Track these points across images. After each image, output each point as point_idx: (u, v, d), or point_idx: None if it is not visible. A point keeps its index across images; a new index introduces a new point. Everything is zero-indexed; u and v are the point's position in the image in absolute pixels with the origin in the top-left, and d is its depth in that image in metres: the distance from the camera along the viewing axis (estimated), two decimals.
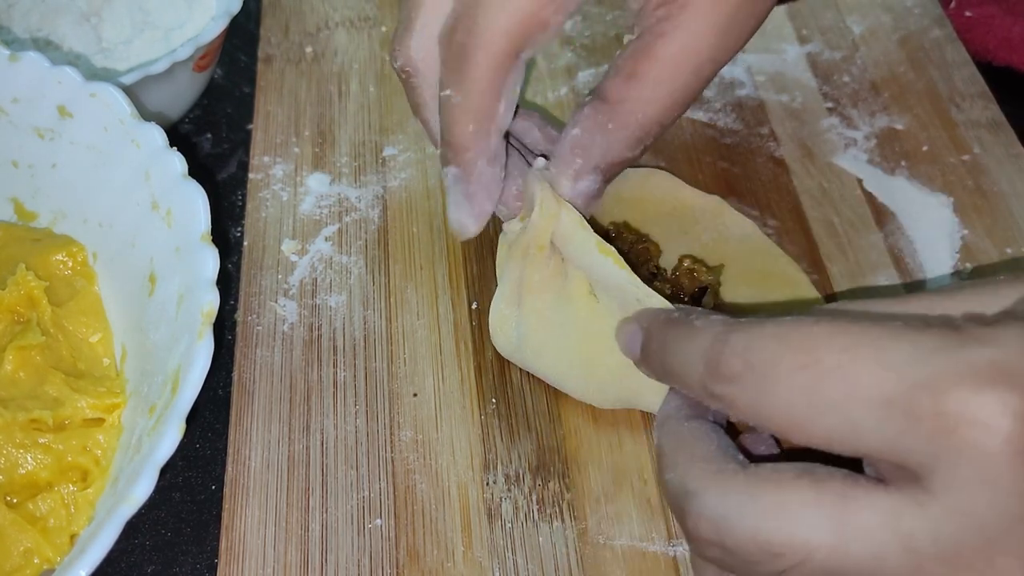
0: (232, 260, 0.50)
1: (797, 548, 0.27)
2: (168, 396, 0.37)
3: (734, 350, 0.29)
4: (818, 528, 0.27)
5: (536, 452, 0.42)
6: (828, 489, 0.27)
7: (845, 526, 0.27)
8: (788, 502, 0.27)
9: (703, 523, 0.29)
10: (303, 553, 0.40)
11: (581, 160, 0.39)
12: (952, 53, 0.57)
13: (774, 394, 0.28)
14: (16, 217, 0.48)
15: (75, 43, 0.54)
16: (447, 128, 0.39)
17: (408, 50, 0.40)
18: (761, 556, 0.27)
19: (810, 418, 0.27)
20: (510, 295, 0.42)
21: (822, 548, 0.27)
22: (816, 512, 0.27)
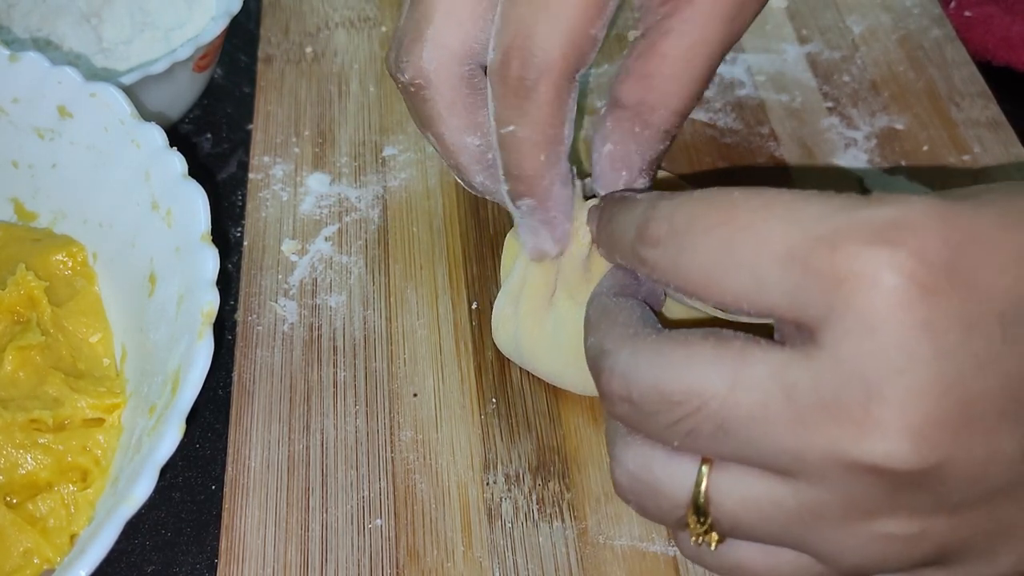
0: (232, 260, 0.50)
1: (692, 397, 0.28)
2: (168, 396, 0.37)
3: (660, 214, 0.30)
4: (713, 379, 0.28)
5: (536, 452, 0.42)
6: (729, 346, 0.28)
7: (738, 377, 0.28)
8: (690, 356, 0.28)
9: (615, 379, 0.30)
10: (303, 553, 0.40)
11: (626, 172, 0.40)
12: (952, 53, 0.57)
13: (691, 253, 0.29)
14: (16, 217, 0.48)
15: (75, 43, 0.54)
16: (516, 163, 0.38)
17: (419, 62, 0.38)
18: (661, 406, 0.29)
19: (722, 276, 0.28)
20: (514, 293, 0.42)
21: (716, 397, 0.28)
22: (714, 365, 0.28)
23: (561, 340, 0.41)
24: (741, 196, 0.29)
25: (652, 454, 0.30)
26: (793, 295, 0.27)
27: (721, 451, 0.29)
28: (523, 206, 0.39)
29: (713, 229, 0.29)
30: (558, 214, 0.39)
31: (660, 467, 0.30)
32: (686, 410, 0.28)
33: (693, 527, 0.30)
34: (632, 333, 0.31)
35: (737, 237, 0.28)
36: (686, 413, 0.28)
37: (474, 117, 0.39)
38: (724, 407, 0.28)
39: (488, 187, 0.41)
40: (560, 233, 0.40)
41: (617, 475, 0.32)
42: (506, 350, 0.44)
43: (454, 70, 0.38)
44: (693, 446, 0.29)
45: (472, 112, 0.39)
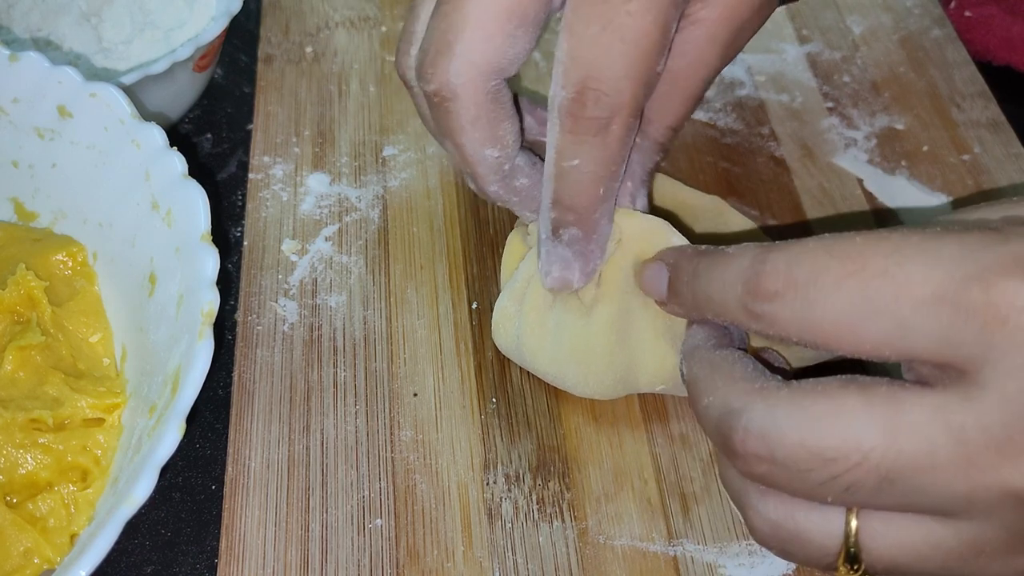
0: (232, 260, 0.50)
1: (850, 451, 0.27)
2: (168, 396, 0.37)
3: (775, 267, 0.29)
4: (869, 430, 0.27)
5: (536, 452, 0.42)
6: (875, 393, 0.27)
7: (896, 426, 0.27)
8: (837, 408, 0.28)
9: (751, 438, 0.29)
10: (303, 553, 0.40)
11: (630, 183, 0.41)
12: (952, 53, 0.57)
13: (821, 305, 0.28)
14: (16, 217, 0.48)
15: (75, 43, 0.54)
16: (572, 195, 0.38)
17: (446, 75, 0.37)
18: (813, 463, 0.28)
19: (859, 325, 0.28)
20: (518, 293, 0.42)
21: (875, 449, 0.27)
22: (866, 415, 0.27)
23: (563, 341, 0.41)
24: (866, 242, 0.28)
25: (794, 503, 0.30)
26: (944, 337, 0.27)
27: (883, 503, 0.28)
28: (565, 235, 0.39)
29: (845, 279, 0.28)
30: (596, 248, 0.39)
31: (804, 517, 0.29)
32: (844, 466, 0.27)
33: (845, 573, 0.30)
34: (758, 387, 0.30)
35: (873, 285, 0.27)
36: (844, 469, 0.27)
37: (496, 131, 0.39)
38: (886, 457, 0.27)
39: (501, 196, 0.41)
40: (591, 268, 0.39)
41: (757, 524, 0.31)
42: (506, 349, 0.44)
43: (480, 86, 0.38)
44: (851, 500, 0.28)
45: (494, 126, 0.39)
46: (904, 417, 0.27)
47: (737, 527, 0.40)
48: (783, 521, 0.30)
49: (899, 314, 0.27)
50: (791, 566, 0.39)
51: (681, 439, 0.42)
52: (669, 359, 0.40)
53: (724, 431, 0.30)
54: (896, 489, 0.27)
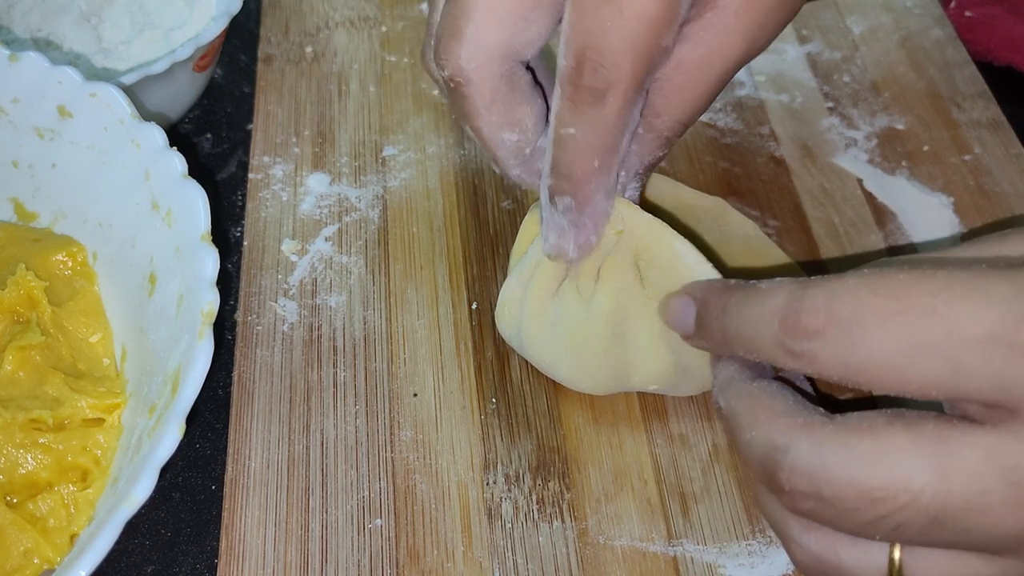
0: (232, 260, 0.50)
1: (899, 491, 0.27)
2: (168, 396, 0.37)
3: (814, 304, 0.29)
4: (919, 469, 0.27)
5: (536, 452, 0.42)
6: (924, 431, 0.27)
7: (946, 465, 0.27)
8: (885, 446, 0.27)
9: (797, 476, 0.28)
10: (303, 553, 0.40)
11: (624, 172, 0.40)
12: (952, 53, 0.57)
13: (865, 344, 0.28)
14: (16, 217, 0.48)
15: (75, 43, 0.54)
16: (567, 163, 0.38)
17: (458, 60, 0.37)
18: (861, 503, 0.27)
19: (906, 365, 0.27)
20: (524, 277, 0.42)
21: (925, 489, 0.27)
22: (915, 454, 0.27)
23: (560, 332, 0.41)
24: (911, 279, 0.28)
25: (836, 537, 0.29)
26: (998, 377, 0.26)
27: (931, 542, 0.28)
28: (560, 204, 0.39)
29: (892, 318, 0.27)
30: (590, 221, 0.39)
31: (847, 552, 0.29)
32: (893, 506, 0.27)
33: None
34: (803, 423, 0.29)
35: (922, 324, 0.27)
36: (894, 509, 0.27)
37: (513, 114, 0.39)
38: (936, 498, 0.27)
39: (524, 179, 0.41)
40: (584, 240, 0.39)
41: (799, 556, 0.31)
42: (505, 334, 0.43)
43: (493, 69, 0.38)
44: (899, 539, 0.28)
45: (511, 109, 0.39)
46: (954, 457, 0.27)
47: (736, 527, 0.40)
48: (825, 555, 0.30)
49: (950, 354, 0.27)
50: (791, 566, 0.39)
51: (681, 439, 0.42)
52: (663, 360, 0.40)
53: (769, 468, 0.30)
54: (945, 529, 0.27)
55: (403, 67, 0.57)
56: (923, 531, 0.27)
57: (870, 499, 0.27)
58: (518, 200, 0.51)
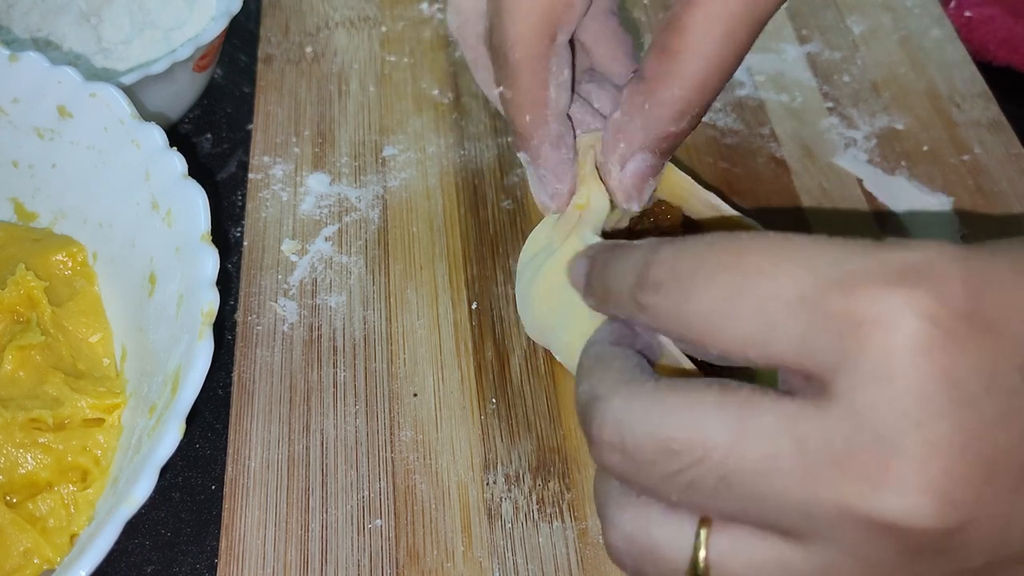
0: (232, 260, 0.50)
1: (694, 447, 0.26)
2: (168, 396, 0.37)
3: (663, 259, 0.29)
4: (717, 429, 0.26)
5: (536, 452, 0.42)
6: (734, 395, 0.27)
7: (744, 428, 0.26)
8: (692, 404, 0.27)
9: (606, 426, 0.28)
10: (303, 553, 0.40)
11: (624, 143, 0.39)
12: (952, 53, 0.57)
13: (695, 298, 0.28)
14: (16, 217, 0.48)
15: (75, 43, 0.54)
16: (510, 120, 0.41)
17: (449, 22, 0.43)
18: (658, 455, 0.27)
19: (728, 322, 0.27)
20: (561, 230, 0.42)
21: (719, 448, 0.26)
22: (717, 413, 0.26)
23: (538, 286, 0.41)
24: (749, 240, 0.28)
25: (648, 515, 0.29)
26: (804, 341, 0.26)
27: (723, 507, 0.27)
28: (521, 158, 0.42)
29: (720, 273, 0.27)
30: (547, 173, 0.41)
31: (657, 529, 0.29)
32: (687, 460, 0.27)
33: None
34: (627, 379, 0.29)
35: (745, 282, 0.27)
36: (687, 464, 0.27)
37: None
38: (729, 458, 0.26)
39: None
40: (552, 192, 0.41)
41: (612, 538, 0.30)
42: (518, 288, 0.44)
43: (470, 30, 0.42)
44: (692, 500, 0.27)
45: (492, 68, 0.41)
46: (755, 420, 0.26)
47: None
48: (637, 534, 0.29)
49: (765, 313, 0.26)
50: None
51: None
52: None
53: (587, 418, 0.29)
54: (734, 492, 0.26)
55: (403, 67, 0.57)
56: (713, 491, 0.27)
57: (666, 452, 0.27)
58: (518, 200, 0.51)
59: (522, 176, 0.52)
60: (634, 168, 0.40)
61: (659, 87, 0.38)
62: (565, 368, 0.44)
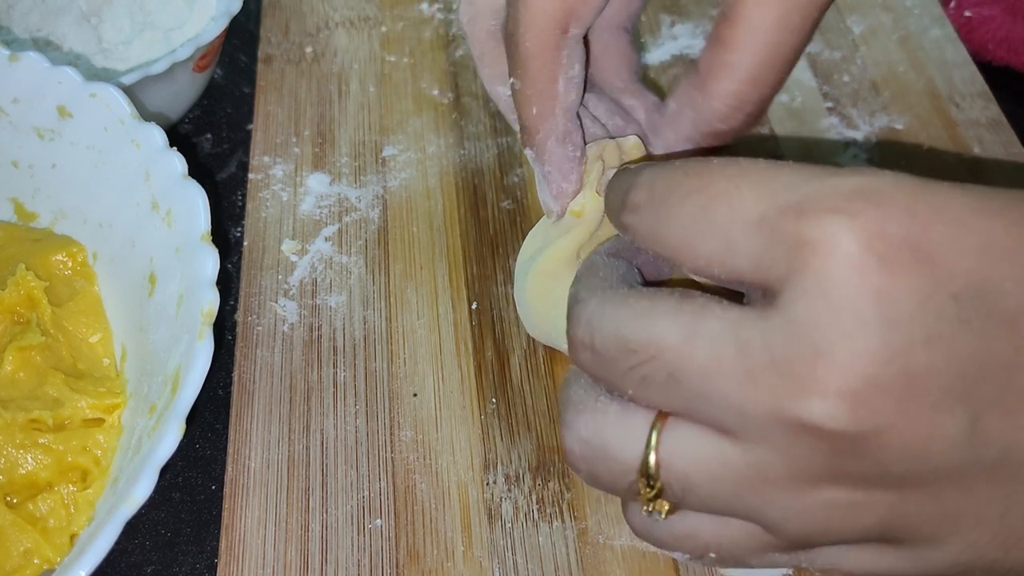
0: (232, 260, 0.50)
1: (649, 346, 0.29)
2: (168, 396, 0.37)
3: (643, 182, 0.31)
4: (671, 329, 0.28)
5: (536, 452, 0.42)
6: (692, 301, 0.29)
7: (694, 330, 0.28)
8: (652, 307, 0.29)
9: (581, 326, 0.31)
10: (303, 553, 0.40)
11: (673, 135, 0.40)
12: (952, 53, 0.57)
13: (668, 218, 0.30)
14: (16, 217, 0.48)
15: (75, 43, 0.54)
16: (518, 113, 0.41)
17: (462, 18, 0.43)
18: (618, 353, 0.29)
19: (696, 240, 0.29)
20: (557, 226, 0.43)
21: (670, 348, 0.28)
22: (674, 317, 0.28)
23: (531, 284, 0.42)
24: (718, 164, 0.29)
25: (604, 418, 0.31)
26: (759, 259, 0.28)
27: (672, 403, 0.29)
28: (528, 156, 0.42)
29: (689, 196, 0.29)
30: (552, 170, 0.41)
31: (611, 430, 0.30)
32: (641, 357, 0.29)
33: (643, 492, 0.30)
34: (606, 286, 0.32)
35: (711, 204, 0.29)
36: (641, 360, 0.29)
37: (501, 69, 0.42)
38: (677, 357, 0.28)
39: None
40: (556, 190, 0.41)
41: (568, 442, 0.32)
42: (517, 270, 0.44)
43: (480, 24, 0.42)
44: (645, 395, 0.29)
45: (499, 64, 0.42)
46: (704, 324, 0.28)
47: None
48: (592, 437, 0.31)
49: (728, 233, 0.28)
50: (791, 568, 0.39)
51: None
52: None
53: (568, 319, 0.32)
54: (682, 390, 0.28)
55: (403, 67, 0.57)
56: (663, 387, 0.29)
57: (626, 349, 0.29)
58: (518, 200, 0.51)
59: (522, 176, 0.52)
60: None
61: (711, 80, 0.37)
62: (565, 368, 0.44)
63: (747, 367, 0.27)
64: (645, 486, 0.30)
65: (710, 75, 0.37)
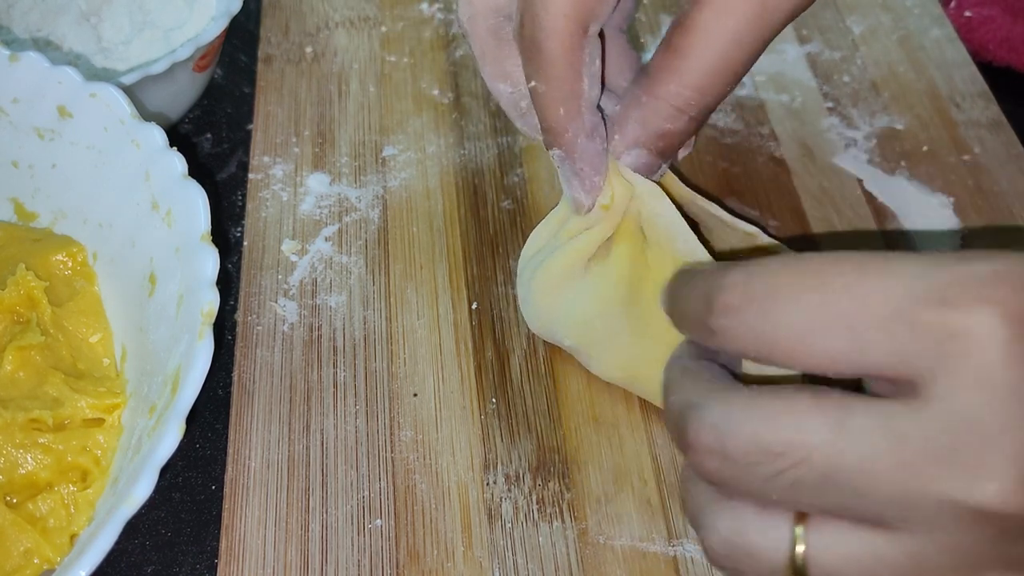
0: (232, 260, 0.50)
1: (796, 448, 0.28)
2: (168, 396, 0.37)
3: (733, 282, 0.30)
4: (817, 428, 0.28)
5: (536, 452, 0.42)
6: (828, 398, 0.28)
7: (842, 427, 0.27)
8: (790, 407, 0.28)
9: (704, 431, 0.29)
10: (303, 553, 0.40)
11: (619, 136, 0.40)
12: (952, 53, 0.57)
13: (777, 318, 0.28)
14: (16, 217, 0.48)
15: (75, 43, 0.54)
16: (541, 116, 0.40)
17: (459, 13, 0.42)
18: (761, 457, 0.28)
19: (815, 339, 0.28)
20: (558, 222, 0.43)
21: (820, 448, 0.27)
22: (816, 415, 0.28)
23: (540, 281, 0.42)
24: (827, 260, 0.29)
25: (745, 518, 0.30)
26: (899, 352, 0.27)
27: (824, 503, 0.28)
28: (555, 156, 0.41)
29: (805, 293, 0.28)
30: (584, 166, 0.40)
31: (754, 530, 0.30)
32: (790, 461, 0.28)
33: None
34: (722, 387, 0.30)
35: (833, 298, 0.28)
36: (790, 464, 0.28)
37: (503, 67, 0.42)
38: (831, 456, 0.27)
39: (528, 132, 0.43)
40: (589, 185, 0.41)
41: (711, 543, 0.31)
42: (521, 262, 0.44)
43: (481, 22, 0.41)
44: (794, 499, 0.29)
45: (500, 62, 0.42)
46: (853, 420, 0.27)
47: None
48: (734, 536, 0.30)
49: (856, 329, 0.28)
50: None
51: None
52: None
53: (681, 425, 0.30)
54: (837, 488, 0.28)
55: (403, 67, 0.57)
56: (816, 488, 0.28)
57: (769, 454, 0.28)
58: (518, 200, 0.51)
59: (522, 176, 0.52)
60: (628, 162, 0.41)
61: (659, 83, 0.39)
62: (565, 368, 0.44)
63: (908, 459, 0.27)
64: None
65: (658, 79, 0.39)
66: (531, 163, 0.52)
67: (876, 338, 0.27)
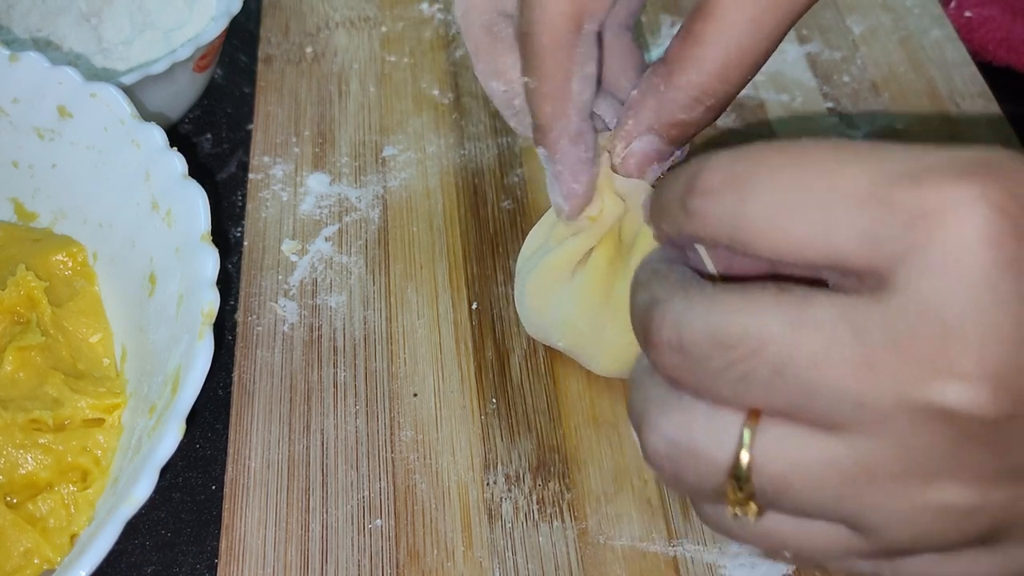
0: (232, 260, 0.50)
1: (749, 340, 0.26)
2: (168, 396, 0.37)
3: (715, 165, 0.28)
4: (774, 322, 0.26)
5: (536, 452, 0.42)
6: (791, 292, 0.27)
7: (800, 320, 0.26)
8: (749, 301, 0.27)
9: (665, 326, 0.28)
10: (303, 553, 0.40)
11: (632, 121, 0.39)
12: (952, 53, 0.57)
13: (753, 197, 0.27)
14: (16, 217, 0.48)
15: (75, 43, 0.54)
16: (532, 111, 0.40)
17: (456, 12, 0.42)
18: (715, 350, 0.27)
19: (786, 220, 0.26)
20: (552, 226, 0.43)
21: (775, 340, 0.26)
22: (774, 308, 0.26)
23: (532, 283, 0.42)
24: (810, 143, 0.27)
25: (693, 415, 0.28)
26: (867, 236, 0.25)
27: (775, 400, 0.27)
28: (541, 155, 0.41)
29: (780, 172, 0.27)
30: (564, 170, 0.40)
31: (701, 429, 0.28)
32: (741, 353, 0.26)
33: (732, 496, 0.28)
34: (686, 284, 0.29)
35: (809, 179, 0.26)
36: (741, 356, 0.26)
37: (495, 64, 0.41)
38: (784, 349, 0.26)
39: (521, 131, 0.43)
40: (567, 191, 0.40)
41: (653, 442, 0.29)
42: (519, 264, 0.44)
43: (474, 19, 0.41)
44: (745, 394, 0.27)
45: (493, 59, 0.41)
46: (812, 311, 0.26)
47: None
48: (678, 435, 0.29)
49: (829, 208, 0.26)
50: (791, 567, 0.39)
51: None
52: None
53: (646, 322, 0.29)
54: (788, 385, 0.26)
55: (403, 67, 0.57)
56: (766, 384, 0.26)
57: (721, 345, 0.27)
58: (518, 200, 0.51)
59: (522, 176, 0.52)
60: (639, 147, 0.40)
61: (677, 71, 0.37)
62: (565, 368, 0.44)
63: (865, 354, 0.25)
64: (735, 489, 0.28)
65: (677, 66, 0.37)
66: (531, 163, 0.52)
67: (847, 219, 0.26)
